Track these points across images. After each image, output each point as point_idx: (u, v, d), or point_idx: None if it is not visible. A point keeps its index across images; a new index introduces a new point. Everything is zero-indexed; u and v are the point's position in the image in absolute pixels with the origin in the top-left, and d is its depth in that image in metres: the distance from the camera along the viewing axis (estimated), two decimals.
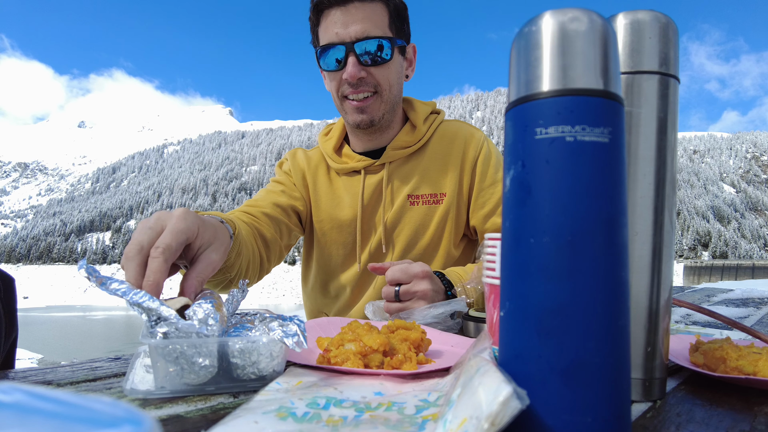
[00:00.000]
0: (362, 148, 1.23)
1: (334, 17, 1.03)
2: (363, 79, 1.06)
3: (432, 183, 1.18)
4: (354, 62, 1.03)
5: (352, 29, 1.02)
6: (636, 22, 0.45)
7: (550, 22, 0.34)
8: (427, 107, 1.24)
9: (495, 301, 0.53)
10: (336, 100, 1.14)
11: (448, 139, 1.21)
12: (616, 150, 0.33)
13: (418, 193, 1.18)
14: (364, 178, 1.19)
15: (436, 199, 1.18)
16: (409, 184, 1.18)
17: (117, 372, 0.58)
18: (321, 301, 1.32)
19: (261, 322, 0.55)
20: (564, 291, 0.32)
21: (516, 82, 0.35)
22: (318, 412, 0.39)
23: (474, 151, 1.19)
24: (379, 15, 1.04)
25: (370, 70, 1.06)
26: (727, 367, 0.51)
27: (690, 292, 1.61)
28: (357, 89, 1.07)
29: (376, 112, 1.11)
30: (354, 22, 1.02)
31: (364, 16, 1.02)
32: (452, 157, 1.19)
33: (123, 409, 0.18)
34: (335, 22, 1.03)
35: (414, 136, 1.19)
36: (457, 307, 0.83)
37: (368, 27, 1.02)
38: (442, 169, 1.18)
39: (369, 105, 1.09)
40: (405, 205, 1.18)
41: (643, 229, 0.45)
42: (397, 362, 0.54)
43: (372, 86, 1.08)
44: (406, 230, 1.18)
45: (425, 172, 1.18)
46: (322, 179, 1.25)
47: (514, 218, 0.35)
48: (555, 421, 0.31)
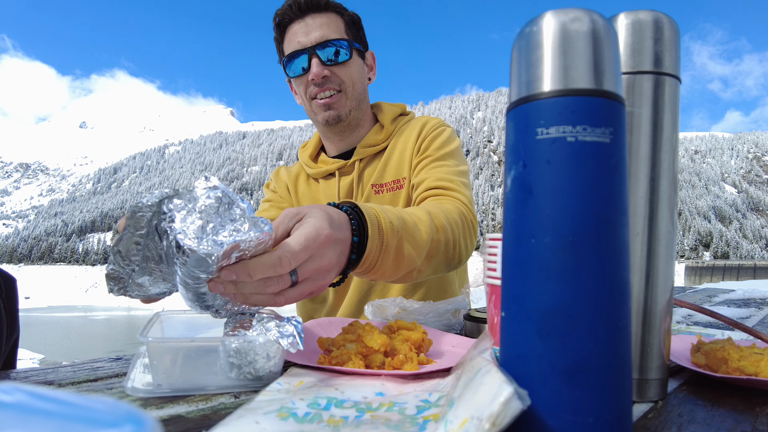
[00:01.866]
0: (336, 152, 1.30)
1: (295, 30, 1.14)
2: (327, 78, 1.14)
3: (393, 170, 1.23)
4: (317, 63, 1.13)
5: (312, 36, 1.12)
6: (637, 22, 0.45)
7: (551, 22, 0.34)
8: (396, 108, 1.32)
9: (496, 302, 0.53)
10: (306, 104, 1.22)
11: (409, 130, 1.27)
12: (617, 150, 0.33)
13: (381, 182, 1.23)
14: (339, 179, 1.26)
15: (398, 184, 1.22)
16: (374, 175, 1.23)
17: (118, 372, 0.58)
18: (309, 306, 1.34)
19: (259, 322, 0.55)
20: (565, 291, 0.32)
21: (517, 83, 0.35)
22: (319, 413, 0.39)
23: (427, 130, 1.24)
24: (335, 22, 1.15)
25: (333, 69, 1.15)
26: (728, 367, 0.51)
27: (691, 293, 1.61)
28: (323, 87, 1.15)
29: (342, 108, 1.19)
30: (313, 30, 1.13)
31: (322, 23, 1.13)
32: (409, 143, 1.24)
33: (124, 409, 0.18)
34: (296, 33, 1.14)
35: (382, 135, 1.25)
36: (458, 305, 0.83)
37: (326, 32, 1.13)
38: (401, 157, 1.23)
39: (335, 102, 1.17)
40: (370, 195, 1.23)
41: (644, 229, 0.45)
42: (399, 362, 0.54)
43: (336, 84, 1.16)
44: None
45: (387, 161, 1.24)
46: (303, 187, 1.33)
47: (515, 218, 0.35)
48: (556, 421, 0.31)
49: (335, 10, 1.16)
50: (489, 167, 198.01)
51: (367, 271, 0.74)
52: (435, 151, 1.19)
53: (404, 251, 0.78)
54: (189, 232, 0.46)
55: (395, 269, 0.78)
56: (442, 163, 1.15)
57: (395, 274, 0.80)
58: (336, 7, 1.17)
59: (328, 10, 1.15)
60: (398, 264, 0.78)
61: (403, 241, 0.77)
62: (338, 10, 1.17)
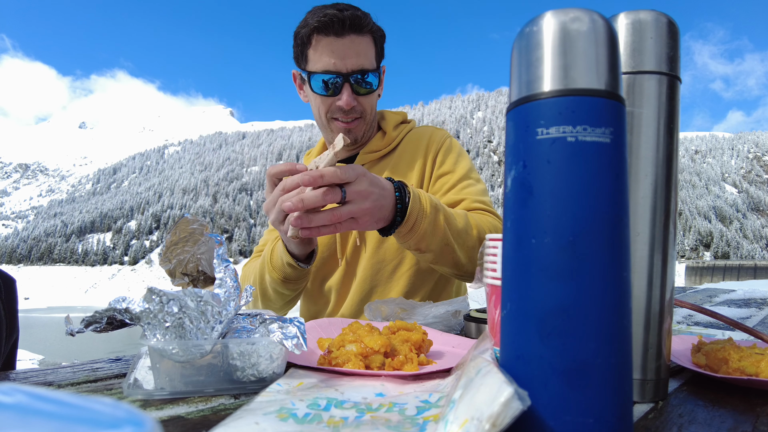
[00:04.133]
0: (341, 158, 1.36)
1: (330, 45, 1.12)
2: (354, 108, 1.19)
3: (400, 177, 1.27)
4: (349, 93, 1.16)
5: (349, 62, 1.13)
6: (637, 22, 0.45)
7: (552, 22, 0.34)
8: (397, 116, 1.38)
9: (496, 302, 0.52)
10: (322, 119, 1.24)
11: (416, 139, 1.33)
12: (617, 150, 0.33)
13: None
14: None
15: None
16: None
17: (118, 373, 0.58)
18: (313, 309, 1.38)
19: (261, 323, 0.55)
20: (565, 291, 0.32)
21: (517, 82, 0.35)
22: (319, 413, 0.39)
23: (437, 144, 1.31)
24: (370, 48, 1.17)
25: (360, 99, 1.20)
26: (729, 368, 0.51)
27: (692, 293, 1.61)
28: (348, 115, 1.20)
29: (359, 131, 1.26)
30: (350, 55, 1.13)
31: (359, 50, 1.14)
32: (418, 152, 1.31)
33: (124, 410, 0.18)
34: (332, 51, 1.12)
35: (384, 142, 1.31)
36: (458, 306, 0.82)
37: (362, 61, 1.15)
38: (410, 165, 1.29)
39: (355, 127, 1.23)
40: None
41: (644, 229, 0.45)
42: (399, 363, 0.54)
43: (359, 112, 1.21)
44: None
45: (395, 168, 1.29)
46: None
47: (515, 218, 0.35)
48: (556, 422, 0.31)
49: (371, 31, 1.17)
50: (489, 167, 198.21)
51: (411, 232, 0.90)
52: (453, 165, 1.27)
53: (441, 224, 0.92)
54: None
55: (434, 239, 0.93)
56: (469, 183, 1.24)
57: (436, 249, 0.95)
58: (373, 29, 1.17)
59: (367, 32, 1.16)
60: (435, 234, 0.92)
61: (439, 213, 0.93)
62: (373, 30, 1.18)
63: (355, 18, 1.11)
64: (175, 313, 0.47)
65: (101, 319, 0.50)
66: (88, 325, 0.50)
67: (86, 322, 0.50)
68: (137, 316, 0.48)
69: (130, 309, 0.48)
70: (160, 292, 0.48)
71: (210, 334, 0.49)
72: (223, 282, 0.55)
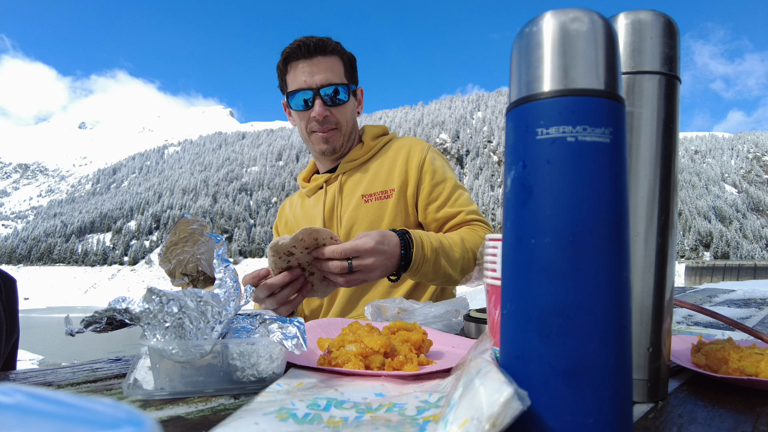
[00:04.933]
0: (325, 169, 1.51)
1: (301, 68, 1.31)
2: (327, 117, 1.34)
3: (381, 182, 1.40)
4: (320, 104, 1.32)
5: (317, 78, 1.30)
6: (637, 22, 0.45)
7: (551, 22, 0.34)
8: (377, 129, 1.51)
9: (496, 302, 0.52)
10: (304, 134, 1.41)
11: (395, 149, 1.44)
12: (617, 150, 0.33)
13: (370, 192, 1.40)
14: (326, 189, 1.46)
15: (386, 194, 1.38)
16: (361, 185, 1.41)
17: (117, 373, 0.58)
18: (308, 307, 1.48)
19: (261, 324, 0.55)
20: (565, 291, 0.32)
21: (517, 83, 0.35)
22: (319, 413, 0.39)
23: (419, 155, 1.41)
24: (338, 66, 1.34)
25: (332, 110, 1.34)
26: (729, 368, 0.51)
27: (691, 293, 1.61)
28: (323, 126, 1.35)
29: (336, 141, 1.39)
30: (318, 72, 1.30)
31: (326, 67, 1.31)
32: (398, 160, 1.41)
33: (124, 410, 0.18)
34: (303, 71, 1.31)
35: (363, 151, 1.44)
36: (458, 306, 0.82)
37: (330, 76, 1.31)
38: (390, 171, 1.40)
39: (331, 136, 1.38)
40: (360, 203, 1.39)
41: (644, 229, 0.45)
42: (398, 363, 0.54)
43: (334, 123, 1.36)
44: (363, 225, 1.38)
45: (375, 174, 1.41)
46: (298, 208, 1.55)
47: (515, 219, 0.35)
48: (556, 422, 0.31)
49: (337, 52, 1.34)
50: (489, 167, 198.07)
51: (414, 274, 1.08)
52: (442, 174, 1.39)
53: (441, 263, 1.11)
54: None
55: (434, 275, 1.12)
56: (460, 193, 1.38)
57: (435, 279, 1.14)
58: (338, 50, 1.34)
59: (332, 53, 1.33)
60: (436, 272, 1.11)
61: (440, 256, 1.10)
62: (340, 52, 1.34)
63: (320, 42, 1.30)
64: (175, 313, 0.47)
65: (101, 320, 0.50)
66: (88, 326, 0.50)
67: (86, 322, 0.50)
68: (137, 316, 0.48)
69: (129, 309, 0.48)
70: (160, 292, 0.48)
71: (210, 334, 0.49)
72: (223, 282, 0.55)
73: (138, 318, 0.48)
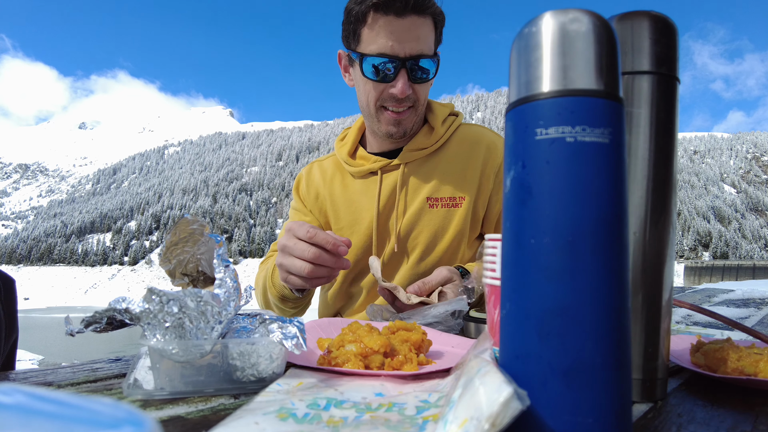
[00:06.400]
0: (379, 149, 1.24)
1: (388, 25, 1.02)
2: (408, 96, 1.08)
3: (452, 186, 1.18)
4: (405, 79, 1.05)
5: (407, 46, 1.03)
6: (636, 22, 0.45)
7: (551, 22, 0.34)
8: (445, 109, 1.25)
9: (495, 302, 0.53)
10: (369, 106, 1.13)
11: (469, 143, 1.22)
12: (616, 150, 0.33)
13: (437, 196, 1.18)
14: (381, 178, 1.20)
15: (455, 202, 1.17)
16: (427, 185, 1.18)
17: (118, 373, 0.58)
18: (339, 304, 1.31)
19: (261, 323, 0.55)
20: (565, 291, 0.32)
21: (516, 83, 0.35)
22: (318, 413, 0.39)
23: (498, 159, 1.20)
24: (430, 32, 1.07)
25: (414, 86, 1.09)
26: (728, 367, 0.51)
27: (691, 293, 1.61)
28: (401, 104, 1.09)
29: (409, 123, 1.14)
30: (410, 39, 1.03)
31: (419, 33, 1.03)
32: (473, 161, 1.19)
33: (124, 410, 0.18)
34: (390, 32, 1.02)
35: (431, 138, 1.20)
36: (457, 306, 0.82)
37: (422, 46, 1.04)
38: (462, 173, 1.19)
39: (406, 118, 1.12)
40: (424, 207, 1.18)
41: (643, 229, 0.45)
42: (398, 363, 0.54)
43: (412, 101, 1.11)
44: (424, 233, 1.18)
45: (444, 175, 1.18)
46: (338, 187, 1.26)
47: (514, 219, 0.35)
48: (556, 421, 0.31)
49: (433, 13, 1.07)
50: None
51: None
52: None
53: None
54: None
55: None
56: None
57: None
58: (435, 11, 1.07)
59: (429, 14, 1.06)
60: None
61: None
62: (436, 13, 1.08)
63: None
64: (175, 313, 0.47)
65: (101, 320, 0.50)
66: (88, 326, 0.50)
67: (86, 322, 0.50)
68: (137, 316, 0.48)
69: (130, 309, 0.48)
70: (160, 292, 0.48)
71: (210, 334, 0.49)
72: (223, 282, 0.55)
73: (138, 318, 0.48)
